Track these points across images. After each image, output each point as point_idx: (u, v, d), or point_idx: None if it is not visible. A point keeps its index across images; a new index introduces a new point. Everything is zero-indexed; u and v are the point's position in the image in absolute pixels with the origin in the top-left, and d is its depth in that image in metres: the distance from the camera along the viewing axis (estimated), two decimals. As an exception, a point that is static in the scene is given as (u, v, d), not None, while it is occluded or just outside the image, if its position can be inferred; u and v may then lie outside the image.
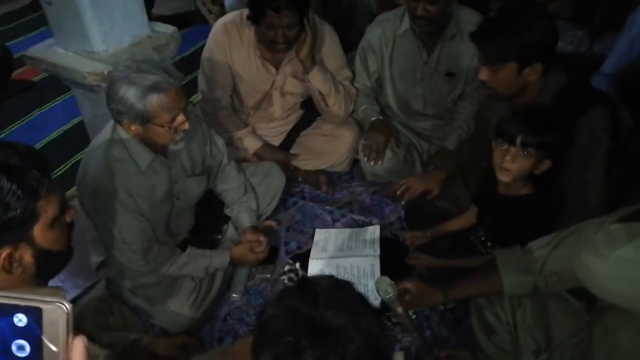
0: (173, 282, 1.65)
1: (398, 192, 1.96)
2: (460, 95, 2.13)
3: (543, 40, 1.44)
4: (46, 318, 0.38)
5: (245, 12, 1.98)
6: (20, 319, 0.38)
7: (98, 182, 1.44)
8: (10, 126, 2.81)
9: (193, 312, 1.65)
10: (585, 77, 2.33)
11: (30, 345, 0.38)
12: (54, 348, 0.38)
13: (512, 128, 1.37)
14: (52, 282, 1.91)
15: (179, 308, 1.63)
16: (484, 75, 1.50)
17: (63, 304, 0.38)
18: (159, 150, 1.52)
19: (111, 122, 1.50)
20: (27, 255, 0.84)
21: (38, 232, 0.85)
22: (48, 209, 0.86)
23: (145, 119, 1.40)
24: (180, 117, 1.44)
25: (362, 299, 0.76)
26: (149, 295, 1.64)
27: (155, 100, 1.37)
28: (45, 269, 0.89)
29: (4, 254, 0.82)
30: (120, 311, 1.58)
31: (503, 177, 1.44)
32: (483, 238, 1.71)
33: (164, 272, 1.60)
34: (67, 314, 0.38)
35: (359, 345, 0.66)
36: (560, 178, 1.51)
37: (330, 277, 0.77)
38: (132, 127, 1.43)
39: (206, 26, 3.36)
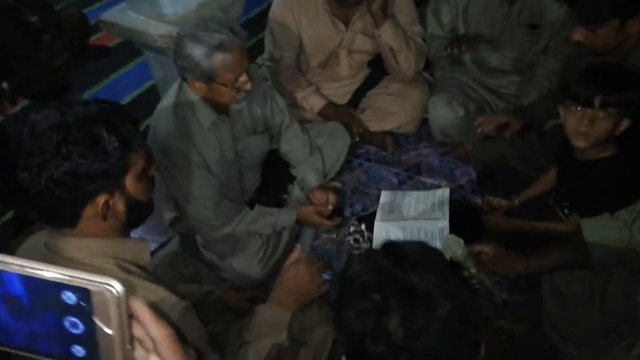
0: (242, 238, 1.69)
1: (476, 124, 1.85)
2: (543, 49, 1.97)
3: None
4: (96, 299, 0.36)
5: None
6: (69, 297, 0.37)
7: (167, 141, 1.49)
8: (89, 90, 2.97)
9: (261, 268, 1.69)
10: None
11: (83, 323, 0.37)
12: (107, 330, 0.37)
13: (588, 88, 1.22)
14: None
15: (248, 263, 1.68)
16: (579, 35, 1.36)
17: (113, 287, 0.36)
18: (222, 109, 1.54)
19: (177, 84, 1.54)
20: (119, 205, 0.91)
21: (129, 182, 0.91)
22: (137, 161, 0.92)
23: (209, 77, 1.42)
24: (243, 77, 1.45)
25: (450, 266, 0.73)
26: (220, 250, 1.70)
27: (220, 59, 1.39)
28: (133, 218, 0.96)
29: (102, 200, 0.88)
30: (193, 265, 1.65)
31: (580, 143, 1.30)
32: (567, 210, 1.59)
33: (233, 227, 1.65)
34: (118, 297, 0.36)
35: (447, 311, 0.64)
36: None
37: (420, 242, 0.75)
38: (197, 85, 1.45)
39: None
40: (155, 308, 0.40)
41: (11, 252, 0.97)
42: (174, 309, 0.91)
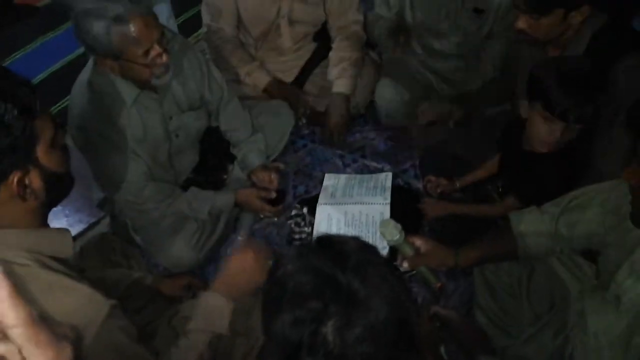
0: (175, 222, 1.60)
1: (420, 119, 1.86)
2: (488, 34, 1.97)
3: None
4: None
5: None
6: None
7: (84, 118, 1.36)
8: (14, 54, 2.72)
9: (195, 252, 1.62)
10: (626, 18, 2.15)
11: None
12: None
13: (565, 103, 1.20)
14: (57, 216, 1.90)
15: (181, 248, 1.59)
16: (523, 23, 1.35)
17: None
18: (146, 84, 1.41)
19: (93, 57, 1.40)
20: (37, 180, 0.81)
21: (42, 153, 0.81)
22: (45, 128, 0.82)
23: (114, 54, 1.28)
24: (155, 50, 1.30)
25: (389, 265, 0.71)
26: (151, 234, 1.61)
27: (119, 33, 1.24)
28: (53, 194, 0.86)
29: (15, 178, 0.78)
30: (123, 249, 1.56)
31: (543, 149, 1.32)
32: (500, 190, 1.62)
33: (162, 211, 1.55)
34: None
35: (386, 316, 0.62)
36: (592, 133, 1.39)
37: (356, 238, 0.71)
38: (106, 62, 1.32)
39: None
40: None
41: None
42: (100, 309, 0.83)
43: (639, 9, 2.18)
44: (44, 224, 0.88)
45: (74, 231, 1.85)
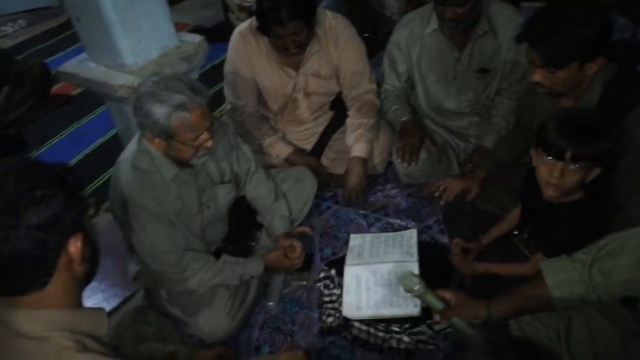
0: (208, 291, 1.63)
1: (436, 194, 1.90)
2: (497, 91, 2.04)
3: (603, 33, 1.33)
4: None
5: (255, 21, 1.97)
6: None
7: (127, 193, 1.46)
8: (51, 140, 2.90)
9: (229, 321, 1.63)
10: (632, 66, 2.20)
11: None
12: None
13: (559, 142, 1.22)
14: (94, 292, 1.95)
15: (215, 317, 1.61)
16: (539, 76, 1.40)
17: None
18: (184, 161, 1.52)
19: (137, 135, 1.51)
20: (87, 245, 0.89)
21: (84, 221, 0.89)
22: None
23: (168, 135, 1.40)
24: (204, 136, 1.43)
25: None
26: (185, 304, 1.64)
27: (179, 119, 1.36)
28: (92, 266, 0.93)
29: (78, 239, 0.86)
30: (158, 321, 1.59)
31: (551, 193, 1.31)
32: (527, 242, 1.62)
33: (199, 280, 1.59)
34: None
35: None
36: (613, 179, 1.40)
37: None
38: (155, 141, 1.44)
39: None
40: None
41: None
42: None
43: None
44: (80, 302, 0.93)
45: (110, 305, 1.91)
